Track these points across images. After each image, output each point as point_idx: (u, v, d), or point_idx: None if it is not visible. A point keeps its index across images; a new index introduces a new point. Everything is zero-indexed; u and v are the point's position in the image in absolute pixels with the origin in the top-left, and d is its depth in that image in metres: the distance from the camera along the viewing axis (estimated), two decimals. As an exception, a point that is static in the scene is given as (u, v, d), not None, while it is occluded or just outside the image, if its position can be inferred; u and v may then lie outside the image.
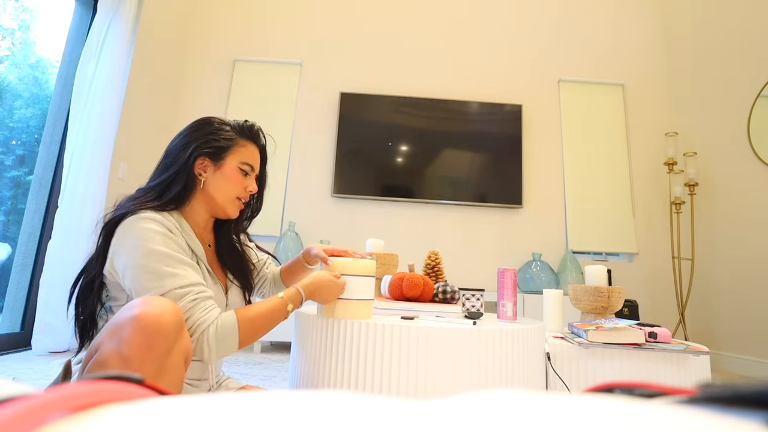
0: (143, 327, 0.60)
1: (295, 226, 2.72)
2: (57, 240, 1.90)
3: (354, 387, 0.86)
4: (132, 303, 0.64)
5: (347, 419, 0.11)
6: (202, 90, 2.95)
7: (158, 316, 0.61)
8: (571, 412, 0.11)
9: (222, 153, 0.86)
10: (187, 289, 0.73)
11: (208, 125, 0.87)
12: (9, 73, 2.15)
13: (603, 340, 1.15)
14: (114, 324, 0.62)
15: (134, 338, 0.59)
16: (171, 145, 0.87)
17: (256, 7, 3.08)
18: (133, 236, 0.74)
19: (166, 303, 0.64)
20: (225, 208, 0.88)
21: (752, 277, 2.32)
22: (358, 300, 0.91)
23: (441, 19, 3.11)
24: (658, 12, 3.15)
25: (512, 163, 2.85)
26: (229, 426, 0.11)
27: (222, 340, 0.73)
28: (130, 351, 0.59)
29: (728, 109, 2.55)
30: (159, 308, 0.62)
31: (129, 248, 0.73)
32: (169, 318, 0.62)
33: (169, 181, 0.82)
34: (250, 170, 0.89)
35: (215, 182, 0.85)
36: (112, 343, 0.60)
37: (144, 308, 0.62)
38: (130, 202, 0.80)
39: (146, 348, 0.60)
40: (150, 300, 0.64)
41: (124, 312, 0.63)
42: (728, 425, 0.11)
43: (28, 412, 0.12)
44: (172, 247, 0.75)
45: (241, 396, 0.13)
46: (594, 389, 0.18)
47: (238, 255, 0.95)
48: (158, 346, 0.61)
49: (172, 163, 0.84)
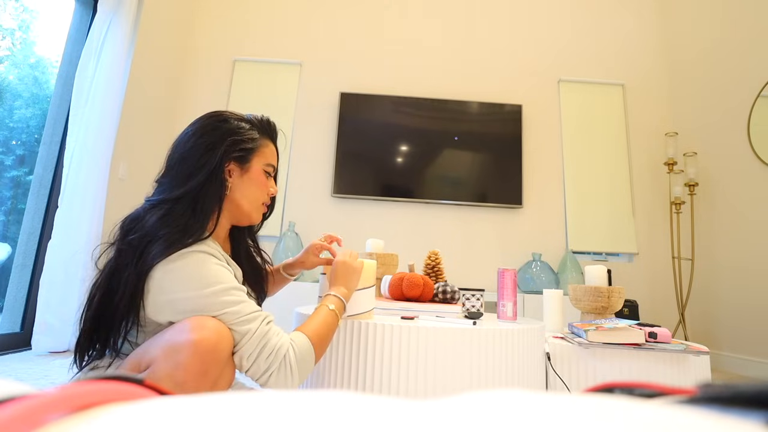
0: (201, 353, 0.58)
1: (295, 226, 2.73)
2: (57, 240, 1.89)
3: (354, 387, 0.86)
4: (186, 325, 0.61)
5: (348, 419, 0.11)
6: (202, 90, 2.95)
7: (216, 342, 0.60)
8: (571, 412, 0.11)
9: (249, 155, 0.78)
10: (256, 314, 0.68)
11: (225, 122, 0.78)
12: (9, 73, 2.15)
13: (603, 340, 1.15)
14: (170, 345, 0.59)
15: (191, 364, 0.58)
16: (185, 148, 0.75)
17: (256, 7, 3.08)
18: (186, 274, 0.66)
19: (221, 327, 0.62)
20: (251, 215, 0.81)
21: (752, 277, 2.32)
22: (361, 313, 0.92)
23: (441, 19, 3.11)
24: (658, 12, 3.15)
25: (512, 163, 2.84)
26: (229, 426, 0.11)
27: (302, 363, 0.69)
28: (186, 377, 0.57)
29: (728, 109, 2.55)
30: (216, 334, 0.60)
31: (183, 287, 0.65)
32: (225, 344, 0.61)
33: (198, 192, 0.71)
34: (273, 171, 0.84)
35: (242, 188, 0.78)
36: (167, 365, 0.58)
37: (202, 333, 0.59)
38: (162, 228, 0.68)
39: (202, 374, 0.58)
40: (206, 323, 0.61)
41: (181, 334, 0.60)
42: (728, 425, 0.11)
43: (28, 412, 0.12)
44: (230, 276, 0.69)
45: (241, 396, 0.13)
46: (594, 389, 0.18)
47: (255, 264, 0.90)
48: (212, 373, 0.59)
49: (195, 170, 0.72)
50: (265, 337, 0.66)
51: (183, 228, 0.68)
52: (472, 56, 3.05)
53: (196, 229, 0.70)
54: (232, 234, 0.87)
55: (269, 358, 0.66)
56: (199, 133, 0.76)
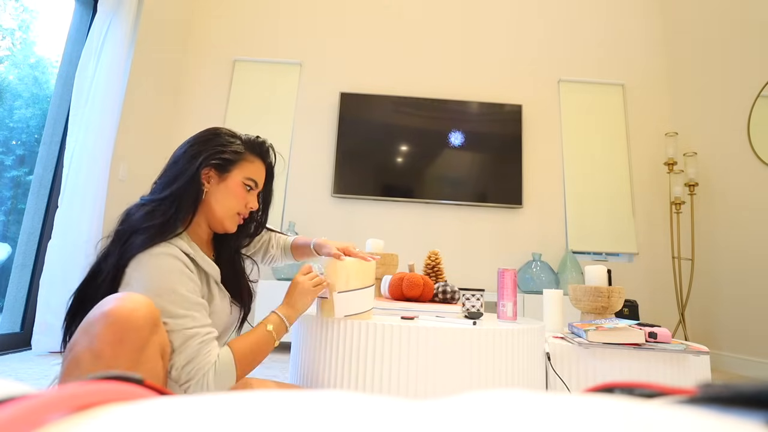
0: (114, 322, 0.60)
1: (295, 226, 2.72)
2: (57, 240, 1.89)
3: (354, 387, 0.86)
4: (104, 300, 0.63)
5: (347, 419, 0.11)
6: (202, 90, 2.95)
7: (130, 311, 0.61)
8: (571, 412, 0.11)
9: (228, 165, 0.84)
10: (195, 330, 0.73)
11: (217, 136, 0.86)
12: (9, 73, 2.15)
13: (603, 340, 1.15)
14: (86, 321, 0.62)
15: (105, 334, 0.59)
16: (178, 153, 0.85)
17: (256, 7, 3.08)
18: (150, 274, 0.73)
19: (138, 298, 0.64)
20: (223, 222, 0.86)
21: (752, 277, 2.32)
22: (359, 313, 0.92)
23: (441, 20, 3.10)
24: (658, 12, 3.15)
25: (512, 163, 2.84)
26: (229, 426, 0.11)
27: (220, 382, 0.74)
28: (102, 346, 0.59)
29: (728, 109, 2.55)
30: (131, 303, 0.62)
31: (145, 284, 0.72)
32: (141, 312, 0.62)
33: (179, 193, 0.80)
34: (254, 186, 0.88)
35: (217, 194, 0.84)
36: (84, 340, 0.60)
37: (115, 304, 0.61)
38: (144, 222, 0.76)
39: (117, 342, 0.59)
40: (122, 296, 0.63)
41: (96, 309, 0.62)
42: (728, 425, 0.11)
43: (28, 412, 0.12)
44: (187, 287, 0.75)
45: (241, 396, 0.13)
46: (594, 389, 0.18)
47: (237, 269, 0.94)
48: (130, 341, 0.60)
49: (180, 174, 0.81)
50: (195, 354, 0.72)
51: (162, 223, 0.77)
52: (472, 56, 3.05)
53: (173, 224, 0.78)
54: (218, 239, 0.92)
55: (191, 372, 0.72)
56: (192, 141, 0.85)
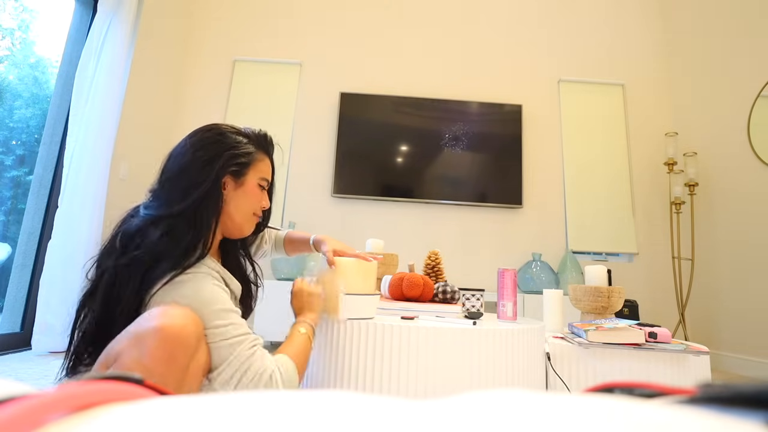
0: (165, 339, 0.58)
1: (295, 226, 2.72)
2: (57, 240, 1.89)
3: (354, 387, 0.86)
4: (152, 313, 0.61)
5: (348, 419, 0.11)
6: (202, 90, 2.95)
7: (181, 327, 0.60)
8: (571, 412, 0.11)
9: (244, 169, 0.80)
10: (243, 337, 0.70)
11: (223, 136, 0.79)
12: (9, 73, 2.15)
13: (603, 340, 1.15)
14: (135, 333, 0.60)
15: (157, 350, 0.58)
16: (184, 161, 0.76)
17: (256, 7, 3.08)
18: (189, 292, 0.69)
19: (187, 313, 0.63)
20: (242, 227, 0.82)
21: (752, 277, 2.32)
22: (361, 319, 0.91)
23: (441, 20, 3.10)
24: (658, 12, 3.15)
25: (512, 163, 2.84)
26: (229, 426, 0.11)
27: (289, 384, 0.72)
28: (153, 363, 0.57)
29: (728, 109, 2.55)
30: (181, 319, 0.61)
31: (187, 303, 0.68)
32: (191, 329, 0.61)
33: (198, 206, 0.73)
34: (267, 184, 0.86)
35: (236, 200, 0.80)
36: (133, 353, 0.58)
37: (166, 320, 0.60)
38: (167, 246, 0.70)
39: (168, 360, 0.58)
40: (171, 310, 0.62)
41: (146, 322, 0.60)
42: (728, 425, 0.11)
43: (28, 412, 0.12)
44: (226, 299, 0.72)
45: (241, 396, 0.13)
46: (594, 389, 0.18)
47: (243, 273, 0.90)
48: (180, 358, 0.59)
49: (194, 185, 0.74)
50: (248, 361, 0.68)
51: (185, 248, 0.71)
52: (472, 56, 3.05)
53: (197, 247, 0.72)
54: (224, 244, 0.87)
55: (253, 381, 0.67)
56: (197, 146, 0.77)
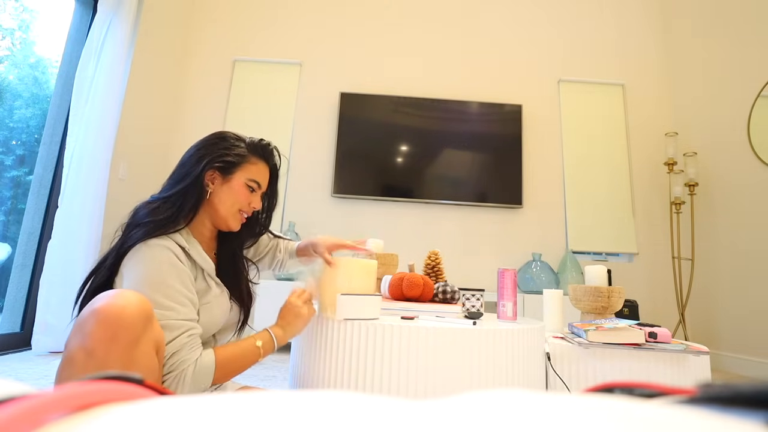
0: (104, 319, 0.60)
1: (295, 226, 2.73)
2: (57, 240, 1.89)
3: (354, 387, 0.86)
4: (95, 298, 0.64)
5: (347, 419, 0.11)
6: (202, 90, 2.95)
7: (121, 308, 0.61)
8: (571, 412, 0.11)
9: (232, 168, 0.88)
10: (181, 322, 0.75)
11: (222, 140, 0.89)
12: (9, 73, 2.15)
13: (603, 340, 1.15)
14: (78, 320, 0.62)
15: (97, 331, 0.59)
16: (185, 157, 0.89)
17: (256, 7, 3.08)
18: (143, 264, 0.76)
19: (129, 295, 0.64)
20: (227, 221, 0.89)
21: (752, 277, 2.32)
22: (363, 320, 0.91)
23: (441, 20, 3.10)
24: (659, 12, 3.15)
25: (512, 163, 2.84)
26: (228, 426, 0.11)
27: (197, 381, 0.75)
28: (94, 344, 0.59)
29: (728, 109, 2.55)
30: (122, 300, 0.62)
31: (137, 274, 0.75)
32: (132, 309, 0.62)
33: (183, 192, 0.85)
34: (257, 187, 0.91)
35: (221, 194, 0.88)
36: (76, 339, 0.60)
37: (106, 301, 0.62)
38: (148, 217, 0.80)
39: (109, 340, 0.59)
40: (113, 294, 0.63)
41: (87, 307, 0.62)
42: (728, 425, 0.11)
43: (28, 412, 0.12)
44: (180, 279, 0.78)
45: (241, 396, 0.13)
46: (594, 389, 0.18)
47: (236, 272, 0.96)
48: (123, 337, 0.60)
49: (186, 175, 0.86)
50: (179, 348, 0.73)
51: (163, 218, 0.81)
52: (472, 56, 3.05)
53: (174, 220, 0.82)
54: (222, 238, 0.96)
55: (173, 365, 0.73)
56: (199, 145, 0.89)
